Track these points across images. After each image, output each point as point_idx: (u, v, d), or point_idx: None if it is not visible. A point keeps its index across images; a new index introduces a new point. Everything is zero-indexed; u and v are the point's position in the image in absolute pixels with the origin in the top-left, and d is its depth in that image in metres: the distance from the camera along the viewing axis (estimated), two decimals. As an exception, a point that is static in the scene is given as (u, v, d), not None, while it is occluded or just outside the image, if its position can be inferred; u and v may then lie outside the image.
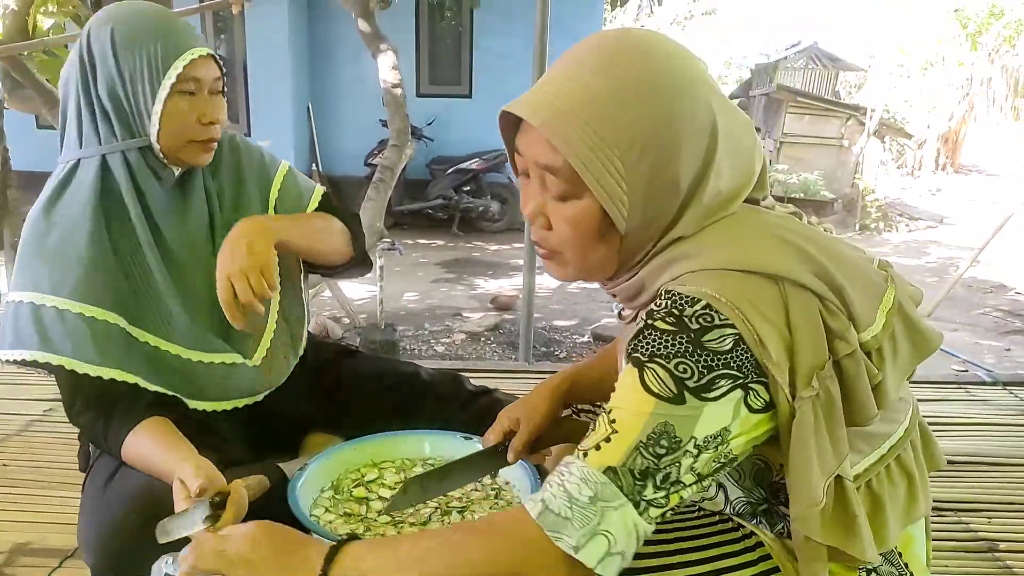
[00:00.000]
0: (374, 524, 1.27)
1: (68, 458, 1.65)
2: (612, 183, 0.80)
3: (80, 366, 1.14)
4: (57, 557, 1.30)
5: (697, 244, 0.84)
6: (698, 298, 0.78)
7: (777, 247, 0.82)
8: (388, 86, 4.32)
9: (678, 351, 0.76)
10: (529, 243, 3.14)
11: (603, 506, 0.76)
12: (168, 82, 1.18)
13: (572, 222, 0.84)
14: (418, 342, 4.74)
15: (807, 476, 0.79)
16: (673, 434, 0.76)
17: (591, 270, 0.89)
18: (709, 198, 0.83)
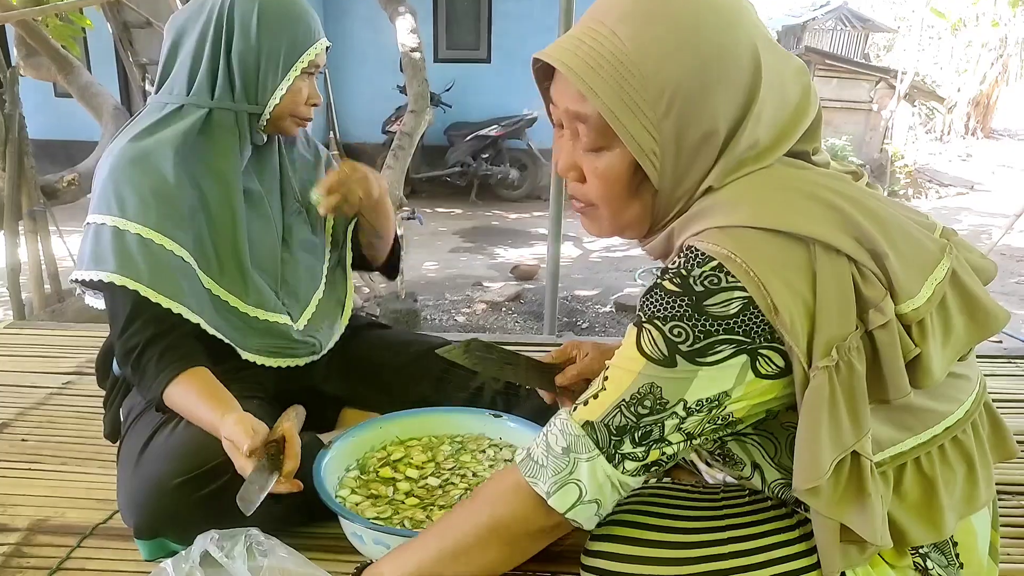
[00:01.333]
0: (402, 507, 1.22)
1: (89, 432, 1.62)
2: (643, 133, 0.77)
3: (153, 295, 1.19)
4: (76, 535, 1.27)
5: (725, 198, 0.80)
6: (710, 257, 0.75)
7: (812, 206, 0.77)
8: (407, 50, 4.21)
9: (676, 314, 0.75)
10: (555, 212, 3.06)
11: (575, 457, 0.81)
12: (300, 65, 1.30)
13: (603, 175, 0.82)
14: (439, 312, 4.70)
15: (813, 448, 0.76)
16: (660, 396, 0.77)
17: (625, 227, 0.87)
18: (744, 147, 0.79)
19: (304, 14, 1.30)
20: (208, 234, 1.29)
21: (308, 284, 1.45)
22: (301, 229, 1.44)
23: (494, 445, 1.40)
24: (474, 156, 7.82)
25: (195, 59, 1.28)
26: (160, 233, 1.21)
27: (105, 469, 1.47)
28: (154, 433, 1.21)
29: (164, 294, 1.21)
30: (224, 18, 1.26)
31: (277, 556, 0.96)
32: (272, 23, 1.27)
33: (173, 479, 1.13)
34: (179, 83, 1.29)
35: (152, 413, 1.25)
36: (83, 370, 1.98)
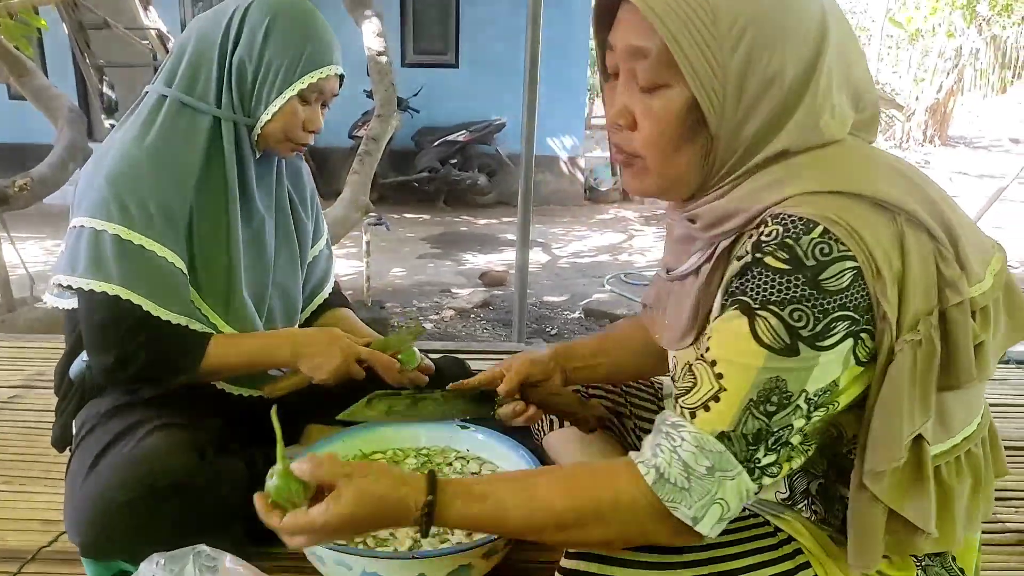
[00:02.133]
0: (365, 524, 1.17)
1: (36, 448, 1.55)
2: (706, 68, 0.73)
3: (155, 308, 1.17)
4: (17, 560, 1.20)
5: (808, 163, 0.76)
6: (814, 222, 0.70)
7: (897, 179, 0.75)
8: (373, 54, 4.16)
9: (793, 295, 0.70)
10: (523, 218, 3.04)
11: (720, 476, 0.73)
12: (298, 87, 1.24)
13: (658, 116, 0.77)
14: (407, 319, 4.64)
15: (895, 427, 0.73)
16: (784, 389, 0.72)
17: (673, 180, 0.81)
18: (819, 107, 0.75)
19: (316, 37, 1.25)
20: (200, 248, 1.25)
21: (286, 318, 1.42)
22: (288, 258, 1.42)
23: (461, 458, 1.36)
24: (442, 161, 7.76)
25: (200, 58, 1.24)
26: (162, 245, 1.19)
27: (52, 488, 1.40)
28: (107, 447, 1.16)
29: (167, 307, 1.18)
30: (236, 22, 1.23)
31: (225, 568, 0.93)
32: (279, 37, 1.22)
33: (124, 495, 1.08)
34: (181, 79, 1.24)
35: (106, 426, 1.20)
36: (32, 383, 1.90)
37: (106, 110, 4.39)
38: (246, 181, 1.29)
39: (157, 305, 1.17)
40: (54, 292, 1.27)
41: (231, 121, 1.25)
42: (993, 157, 13.10)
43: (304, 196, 1.47)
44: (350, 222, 4.00)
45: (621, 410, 1.25)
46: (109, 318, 1.17)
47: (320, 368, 1.26)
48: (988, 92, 13.41)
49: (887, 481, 0.76)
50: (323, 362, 1.25)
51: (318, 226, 1.52)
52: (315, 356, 1.26)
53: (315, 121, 1.29)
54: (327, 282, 1.55)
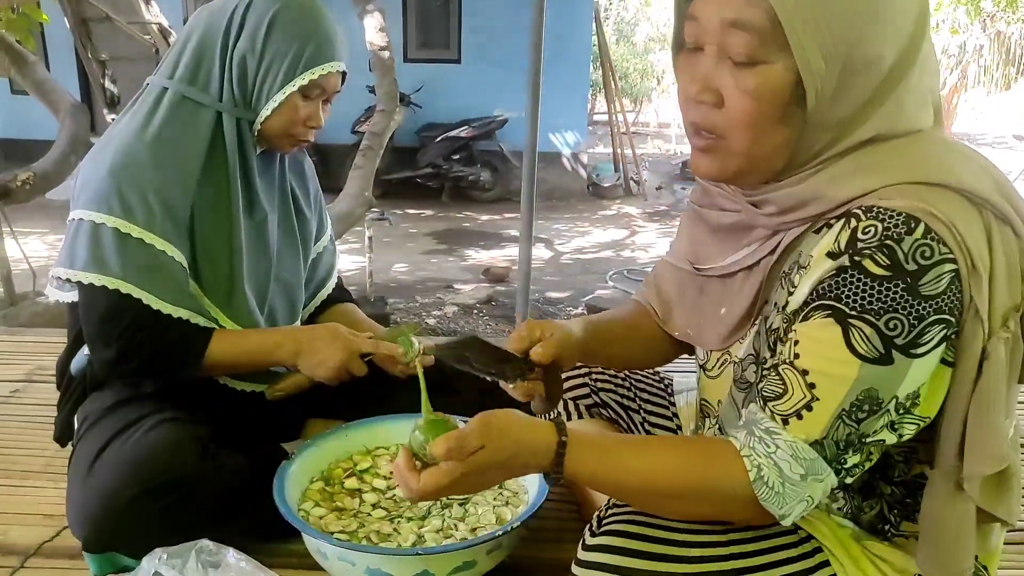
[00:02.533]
0: (368, 520, 1.17)
1: (38, 443, 1.54)
2: (815, 47, 0.69)
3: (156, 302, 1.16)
4: (20, 555, 1.19)
5: (892, 153, 0.74)
6: (915, 218, 0.68)
7: (981, 174, 0.73)
8: (376, 49, 4.15)
9: (891, 304, 0.68)
10: (526, 214, 3.02)
11: (812, 480, 0.75)
12: (299, 83, 1.22)
13: (756, 93, 0.72)
14: (409, 315, 4.63)
15: (997, 426, 0.72)
16: (876, 397, 0.71)
17: (757, 163, 0.77)
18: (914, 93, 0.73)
19: (320, 32, 1.23)
20: (202, 242, 1.24)
21: (288, 314, 1.41)
22: (291, 254, 1.40)
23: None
24: (445, 157, 7.75)
25: (203, 51, 1.23)
26: (163, 239, 1.17)
27: (54, 483, 1.39)
28: (109, 441, 1.15)
29: (168, 301, 1.17)
30: (239, 15, 1.21)
31: (228, 563, 0.93)
32: (282, 31, 1.20)
33: (126, 490, 1.07)
34: (184, 71, 1.23)
35: (108, 421, 1.19)
36: (33, 377, 1.89)
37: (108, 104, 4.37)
38: (248, 176, 1.28)
39: (157, 299, 1.16)
40: (55, 284, 1.26)
41: (233, 115, 1.24)
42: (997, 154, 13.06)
43: (307, 191, 1.46)
44: (353, 217, 4.00)
45: (630, 404, 1.24)
46: (109, 312, 1.16)
47: (320, 366, 1.24)
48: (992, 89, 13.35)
49: (979, 482, 0.75)
50: (324, 360, 1.24)
51: (322, 222, 1.51)
52: (316, 354, 1.24)
53: (317, 117, 1.28)
54: (331, 278, 1.54)
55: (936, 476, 0.77)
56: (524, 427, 0.81)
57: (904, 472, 0.83)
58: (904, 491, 0.84)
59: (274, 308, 1.37)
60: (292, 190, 1.41)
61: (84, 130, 3.78)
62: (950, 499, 0.76)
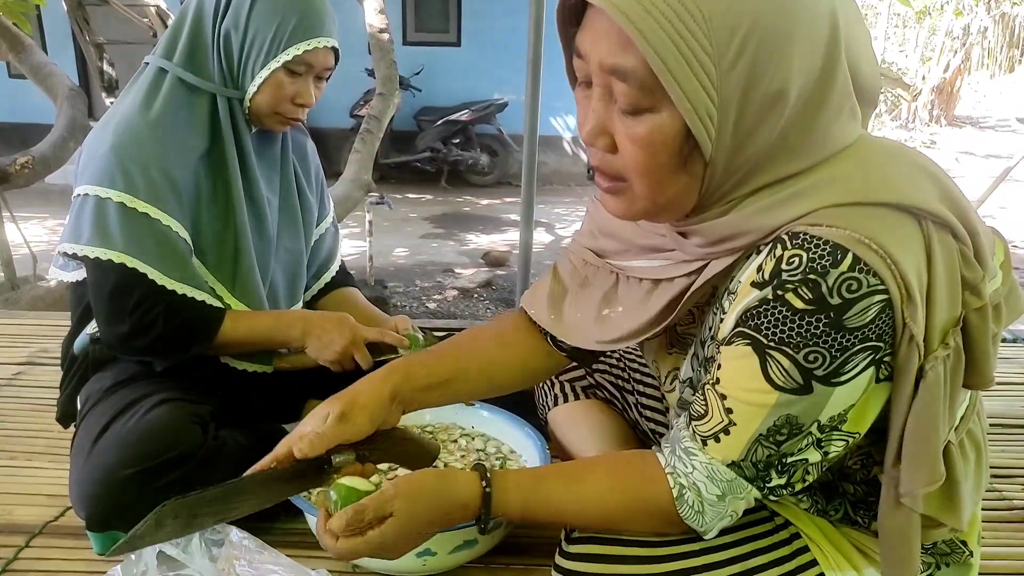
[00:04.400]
0: (370, 499, 1.18)
1: (40, 425, 1.55)
2: (699, 91, 0.63)
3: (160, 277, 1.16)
4: (25, 534, 1.21)
5: (823, 173, 0.69)
6: (843, 249, 0.64)
7: (918, 177, 0.70)
8: (374, 31, 4.12)
9: (811, 338, 0.66)
10: (526, 198, 3.02)
11: (731, 499, 0.77)
12: (283, 58, 1.21)
13: (645, 143, 0.67)
14: (409, 299, 4.64)
15: (932, 447, 0.71)
16: (796, 422, 0.71)
17: (664, 207, 0.72)
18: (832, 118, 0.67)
19: (305, 7, 1.21)
20: (205, 221, 1.25)
21: (290, 294, 1.42)
22: (291, 236, 1.40)
23: (466, 435, 1.36)
24: (444, 141, 7.72)
25: (197, 30, 1.23)
26: (167, 214, 1.18)
27: (57, 464, 1.40)
28: (111, 421, 1.16)
29: (173, 277, 1.18)
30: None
31: (231, 542, 0.94)
32: (264, 6, 1.19)
33: (127, 469, 1.08)
34: (181, 53, 1.23)
35: (110, 401, 1.20)
36: (36, 360, 1.90)
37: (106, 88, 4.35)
38: (245, 156, 1.28)
39: (162, 274, 1.17)
40: (59, 264, 1.26)
41: (224, 95, 1.24)
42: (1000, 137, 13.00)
43: (308, 173, 1.46)
44: (352, 201, 3.99)
45: (624, 385, 1.25)
46: (119, 287, 1.16)
47: (327, 349, 1.26)
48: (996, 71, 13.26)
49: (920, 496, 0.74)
50: (330, 343, 1.26)
51: (323, 204, 1.51)
52: (323, 337, 1.26)
53: (305, 95, 1.26)
54: (333, 260, 1.54)
55: (884, 482, 0.76)
56: (442, 484, 0.81)
57: (865, 475, 0.83)
58: (867, 489, 0.83)
59: (276, 288, 1.38)
60: (295, 171, 1.41)
61: (82, 114, 3.77)
62: (893, 507, 0.75)
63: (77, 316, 1.31)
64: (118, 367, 1.27)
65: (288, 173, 1.39)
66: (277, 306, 1.38)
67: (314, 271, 1.51)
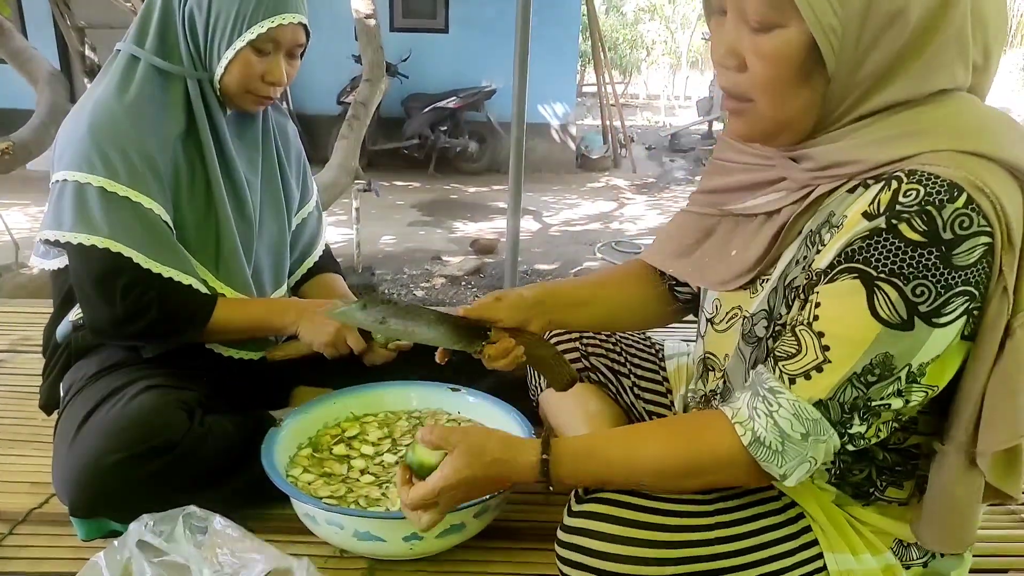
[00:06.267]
0: (356, 485, 1.18)
1: (24, 413, 1.54)
2: (825, 5, 0.68)
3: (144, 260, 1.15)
4: (8, 522, 1.20)
5: (929, 119, 0.71)
6: (959, 187, 0.66)
7: (1020, 142, 0.72)
8: (361, 17, 4.09)
9: (922, 271, 0.67)
10: (514, 185, 3.01)
11: (813, 440, 0.75)
12: (248, 36, 1.19)
13: (772, 57, 0.72)
14: (397, 286, 4.62)
15: (1015, 405, 0.72)
16: (890, 363, 0.71)
17: (786, 124, 0.77)
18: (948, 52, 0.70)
19: None
20: (186, 206, 1.24)
21: (274, 277, 1.41)
22: (273, 218, 1.39)
23: (452, 420, 1.36)
24: (432, 128, 7.67)
25: (166, 15, 1.21)
26: (149, 197, 1.17)
27: (41, 451, 1.39)
28: (95, 408, 1.15)
29: (161, 261, 1.17)
30: None
31: (215, 529, 0.94)
32: None
33: (112, 455, 1.07)
34: (152, 39, 1.21)
35: (94, 388, 1.19)
36: (18, 348, 1.88)
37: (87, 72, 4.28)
38: (220, 138, 1.27)
39: (147, 257, 1.16)
40: (39, 252, 1.24)
41: (195, 79, 1.23)
42: None
43: (290, 156, 1.45)
44: (339, 188, 3.97)
45: (619, 368, 1.25)
46: (106, 272, 1.15)
47: (319, 335, 1.26)
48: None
49: (990, 458, 0.75)
50: (322, 328, 1.26)
51: (306, 187, 1.49)
52: (315, 321, 1.26)
53: (275, 72, 1.24)
54: (316, 245, 1.53)
55: (949, 451, 0.77)
56: (503, 447, 0.87)
57: (900, 440, 0.84)
58: (896, 458, 0.85)
59: (260, 270, 1.37)
60: (277, 153, 1.40)
61: (63, 99, 3.71)
62: (962, 473, 0.77)
63: (59, 303, 1.30)
64: (102, 354, 1.26)
65: (271, 154, 1.38)
66: (262, 289, 1.37)
67: (297, 255, 1.50)
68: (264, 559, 0.92)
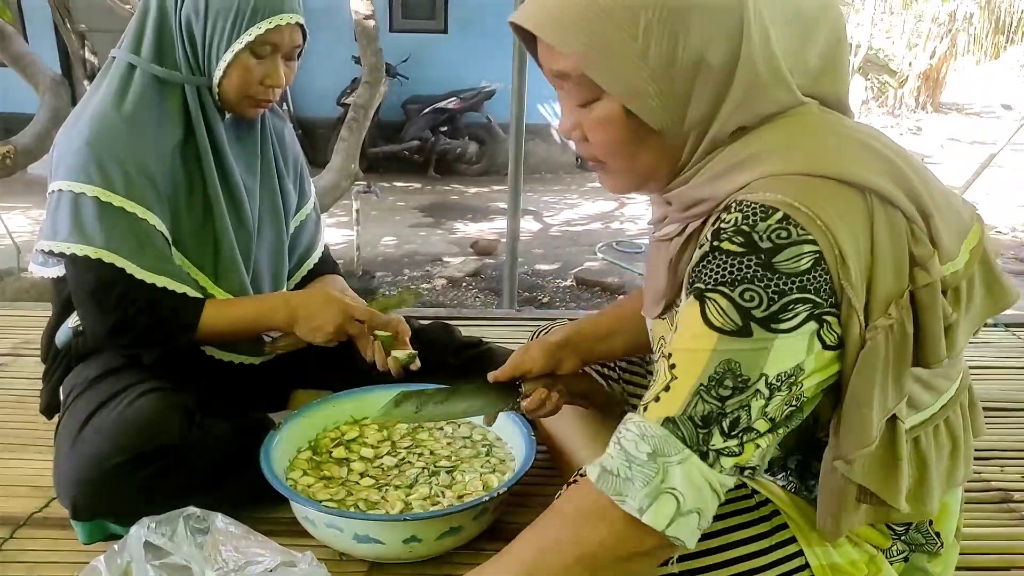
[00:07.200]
0: (356, 488, 1.19)
1: (25, 416, 1.55)
2: (626, 75, 0.72)
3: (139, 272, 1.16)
4: (9, 526, 1.21)
5: (767, 144, 0.73)
6: (774, 207, 0.68)
7: (865, 155, 0.72)
8: (360, 18, 4.09)
9: (745, 276, 0.68)
10: (513, 186, 3.02)
11: (663, 462, 0.70)
12: (246, 39, 1.18)
13: (600, 128, 0.77)
14: (397, 288, 4.63)
15: (866, 414, 0.72)
16: (739, 372, 0.69)
17: (643, 177, 0.81)
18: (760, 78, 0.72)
19: None
20: (184, 213, 1.24)
21: (273, 281, 1.41)
22: (272, 223, 1.39)
23: (452, 422, 1.37)
24: (432, 130, 7.67)
25: (162, 21, 1.21)
26: (144, 208, 1.17)
27: (42, 455, 1.40)
28: (95, 411, 1.16)
29: (151, 270, 1.17)
30: None
31: (217, 528, 0.94)
32: None
33: (112, 459, 1.08)
34: (148, 46, 1.21)
35: (94, 392, 1.20)
36: (20, 351, 1.89)
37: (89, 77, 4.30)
38: (218, 145, 1.26)
39: (141, 268, 1.16)
40: (38, 260, 1.25)
41: (193, 85, 1.22)
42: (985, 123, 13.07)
43: (287, 158, 1.45)
44: (339, 190, 3.97)
45: (610, 375, 1.26)
46: (99, 282, 1.16)
47: (318, 331, 1.25)
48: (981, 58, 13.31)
49: (858, 465, 0.76)
50: (321, 324, 1.25)
51: (303, 190, 1.50)
52: (312, 319, 1.25)
53: (275, 75, 1.23)
54: (315, 248, 1.54)
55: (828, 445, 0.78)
56: None
57: None
58: None
59: (260, 275, 1.37)
60: (275, 158, 1.40)
61: (65, 104, 3.73)
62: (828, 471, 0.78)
63: (58, 310, 1.31)
64: (102, 358, 1.26)
65: (269, 159, 1.38)
66: (262, 291, 1.37)
67: (296, 259, 1.50)
68: (268, 554, 0.93)
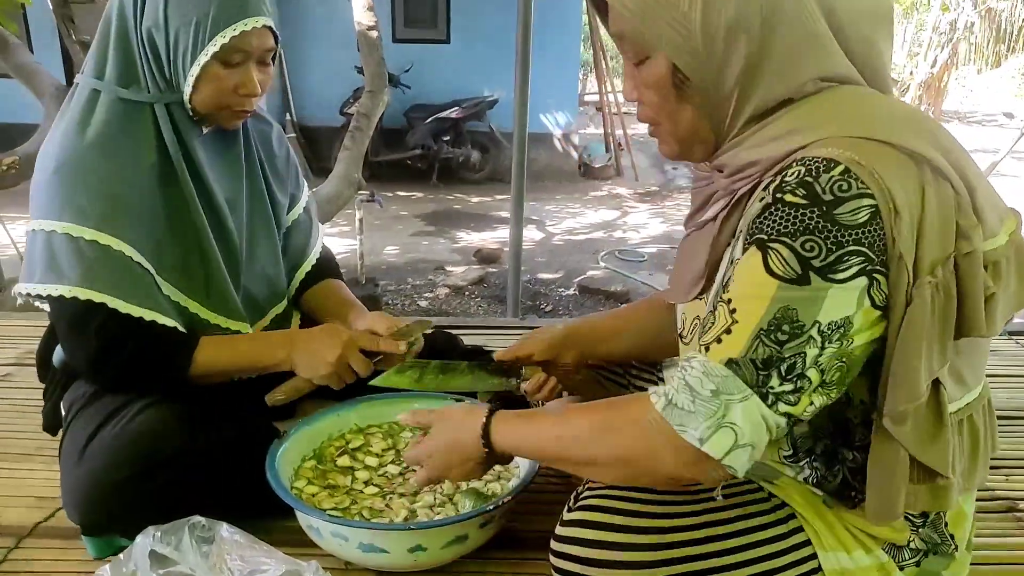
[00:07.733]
0: (360, 497, 1.19)
1: (29, 427, 1.55)
2: (669, 30, 0.77)
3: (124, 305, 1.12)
4: (14, 536, 1.20)
5: (821, 113, 0.76)
6: (836, 160, 0.72)
7: (916, 128, 0.76)
8: (363, 28, 4.10)
9: (807, 227, 0.71)
10: (516, 195, 3.02)
11: (726, 399, 0.75)
12: (211, 49, 1.12)
13: (650, 83, 0.82)
14: (400, 296, 4.63)
15: (915, 367, 0.74)
16: (795, 318, 0.73)
17: (688, 139, 0.85)
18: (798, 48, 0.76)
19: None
20: (166, 237, 1.19)
21: (269, 295, 1.37)
22: (265, 235, 1.36)
23: (456, 431, 1.36)
24: (434, 138, 7.70)
25: (122, 42, 1.15)
26: (117, 238, 1.12)
27: (47, 465, 1.40)
28: (99, 427, 1.15)
29: (133, 303, 1.13)
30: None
31: (222, 537, 0.95)
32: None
33: (119, 474, 1.08)
34: (112, 68, 1.16)
35: (96, 407, 1.19)
36: (23, 361, 1.89)
37: (93, 87, 4.34)
38: (195, 165, 1.21)
39: (117, 299, 1.12)
40: (18, 303, 1.22)
41: (162, 103, 1.16)
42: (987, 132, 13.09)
43: (274, 163, 1.39)
44: (342, 199, 3.98)
45: (620, 380, 1.26)
46: (76, 317, 1.13)
47: (320, 366, 1.19)
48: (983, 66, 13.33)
49: (909, 425, 0.77)
50: (322, 358, 1.19)
51: (296, 189, 1.44)
52: (313, 354, 1.20)
53: (249, 83, 1.17)
54: (308, 251, 1.47)
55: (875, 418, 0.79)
56: (464, 414, 0.98)
57: (864, 437, 0.84)
58: (864, 456, 0.84)
59: (254, 291, 1.34)
60: (260, 165, 1.35)
61: (69, 113, 3.74)
62: (878, 438, 0.79)
63: (49, 331, 1.30)
64: None
65: (254, 168, 1.33)
66: (259, 309, 1.35)
67: (289, 264, 1.44)
68: (273, 564, 0.92)
